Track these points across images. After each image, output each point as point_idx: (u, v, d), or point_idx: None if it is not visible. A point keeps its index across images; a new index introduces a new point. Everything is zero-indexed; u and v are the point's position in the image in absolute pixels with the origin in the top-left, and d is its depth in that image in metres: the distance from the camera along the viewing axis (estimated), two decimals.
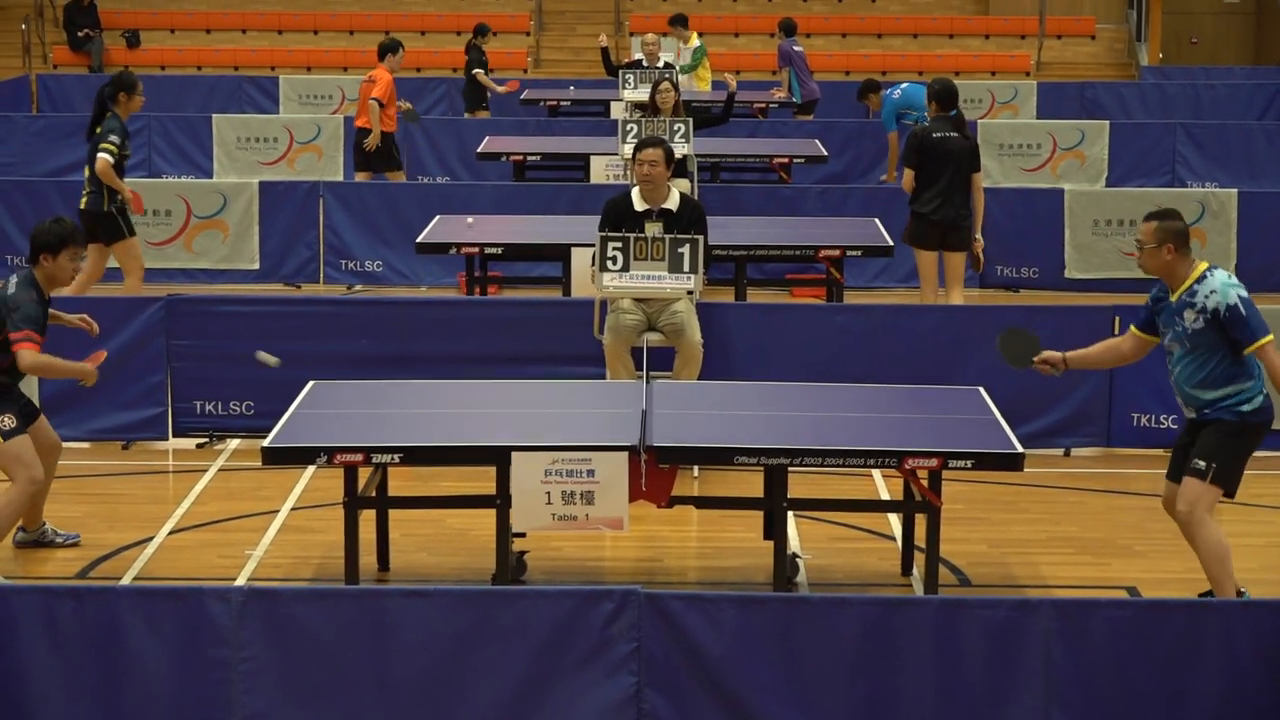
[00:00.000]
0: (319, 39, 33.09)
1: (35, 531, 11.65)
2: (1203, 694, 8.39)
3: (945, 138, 15.67)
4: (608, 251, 13.10)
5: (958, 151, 15.64)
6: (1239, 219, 19.32)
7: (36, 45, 32.47)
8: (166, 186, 20.26)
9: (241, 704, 8.40)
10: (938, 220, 15.67)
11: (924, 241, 15.84)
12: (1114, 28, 33.92)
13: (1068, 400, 13.92)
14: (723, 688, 8.41)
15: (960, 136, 15.74)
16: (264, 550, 11.71)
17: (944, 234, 15.74)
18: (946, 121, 15.77)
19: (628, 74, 23.55)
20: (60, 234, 11.13)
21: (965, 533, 12.00)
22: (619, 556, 11.80)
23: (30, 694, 8.40)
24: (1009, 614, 8.42)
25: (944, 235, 15.75)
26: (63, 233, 11.15)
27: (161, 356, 13.91)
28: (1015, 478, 12.30)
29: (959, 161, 15.64)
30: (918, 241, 15.88)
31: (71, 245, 11.14)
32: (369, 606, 8.50)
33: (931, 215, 15.67)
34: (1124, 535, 12.09)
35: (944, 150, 15.63)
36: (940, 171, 15.63)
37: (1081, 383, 13.86)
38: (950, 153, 15.62)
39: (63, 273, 11.18)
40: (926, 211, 15.70)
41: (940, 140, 15.66)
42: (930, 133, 15.74)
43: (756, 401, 11.64)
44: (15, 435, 10.88)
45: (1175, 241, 10.20)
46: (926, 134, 15.76)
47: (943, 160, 15.62)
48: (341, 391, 11.60)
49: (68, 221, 11.37)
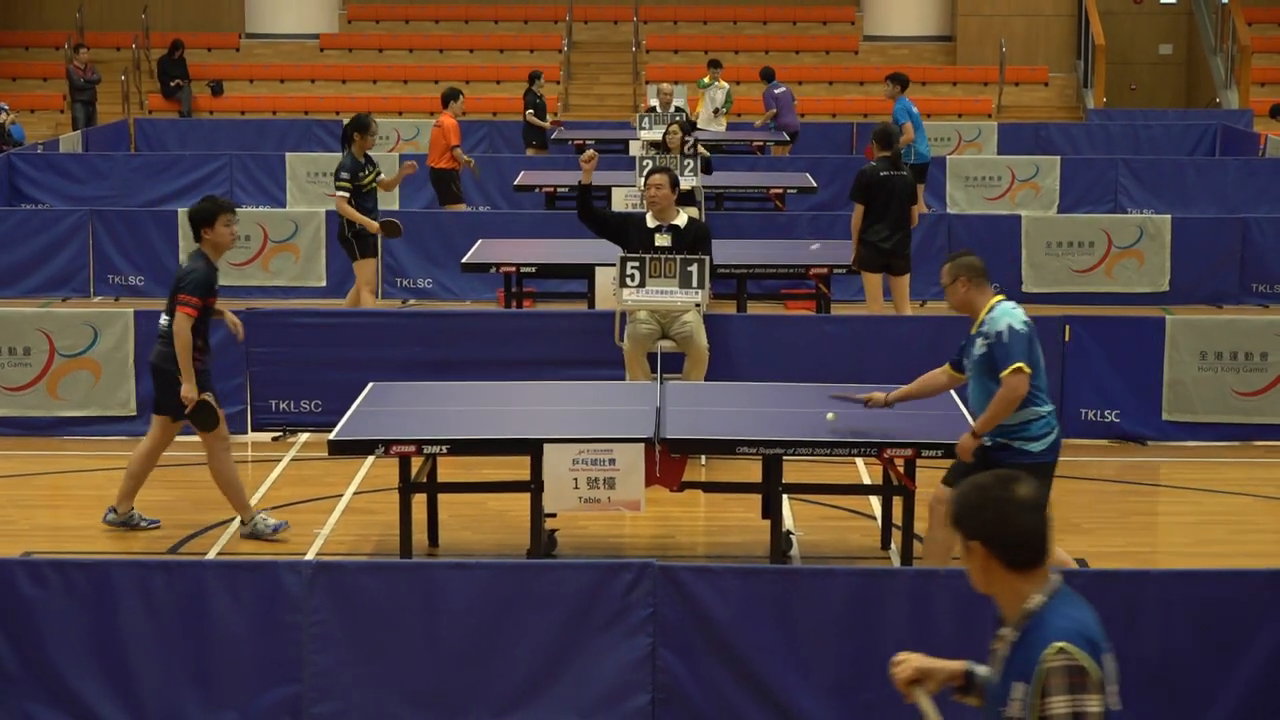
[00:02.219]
0: (377, 87, 33.06)
1: (124, 514, 11.61)
2: (1142, 652, 8.35)
3: (889, 175, 15.60)
4: (626, 270, 13.10)
5: (900, 187, 15.58)
6: (1173, 241, 19.25)
7: (134, 94, 32.49)
8: (246, 215, 20.20)
9: (312, 662, 8.40)
10: (887, 248, 15.58)
11: (870, 265, 15.68)
12: (1064, 76, 33.85)
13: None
14: (727, 647, 8.39)
15: (899, 174, 15.68)
16: (330, 529, 11.71)
17: (889, 259, 15.64)
18: (887, 161, 15.71)
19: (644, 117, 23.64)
20: (210, 208, 11.22)
21: None
22: (637, 534, 11.78)
23: (128, 654, 8.41)
24: None
25: (889, 260, 15.65)
26: (212, 207, 11.23)
27: (242, 361, 13.90)
28: None
29: (901, 196, 15.57)
30: (865, 266, 15.70)
31: (223, 214, 11.19)
32: (420, 577, 8.50)
33: (882, 244, 15.55)
34: (1074, 514, 12.05)
35: (889, 186, 15.55)
36: (887, 205, 15.54)
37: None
38: (894, 188, 15.56)
39: (222, 239, 11.22)
40: (877, 240, 15.55)
41: (886, 178, 15.58)
42: (877, 171, 15.62)
43: (756, 399, 11.63)
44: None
45: (967, 274, 9.57)
46: (874, 172, 15.61)
47: (889, 195, 15.53)
48: (397, 392, 11.59)
49: (215, 197, 11.48)
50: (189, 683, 8.41)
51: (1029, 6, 34.15)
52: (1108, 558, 11.06)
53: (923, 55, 34.24)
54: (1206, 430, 13.91)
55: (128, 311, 14.07)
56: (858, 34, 34.69)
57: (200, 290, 10.98)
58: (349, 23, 35.24)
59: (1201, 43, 34.42)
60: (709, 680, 8.39)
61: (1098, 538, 11.50)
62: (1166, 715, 8.36)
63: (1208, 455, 13.49)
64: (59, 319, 14.15)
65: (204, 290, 11.01)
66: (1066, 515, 12.13)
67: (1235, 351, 13.93)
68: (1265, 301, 19.18)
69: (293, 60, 34.05)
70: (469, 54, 34.09)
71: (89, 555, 10.58)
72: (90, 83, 30.64)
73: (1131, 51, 35.11)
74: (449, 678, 8.42)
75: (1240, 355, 13.92)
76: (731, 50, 33.08)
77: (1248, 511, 12.42)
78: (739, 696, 8.38)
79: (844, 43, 34.44)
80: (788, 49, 34.08)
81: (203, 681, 8.41)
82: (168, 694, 8.41)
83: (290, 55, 34.21)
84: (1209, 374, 13.86)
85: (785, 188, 21.25)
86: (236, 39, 34.64)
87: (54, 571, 8.40)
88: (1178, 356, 13.81)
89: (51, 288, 19.39)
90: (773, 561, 10.49)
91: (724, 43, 33.84)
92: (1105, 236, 19.22)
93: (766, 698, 8.38)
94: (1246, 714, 8.35)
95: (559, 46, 34.06)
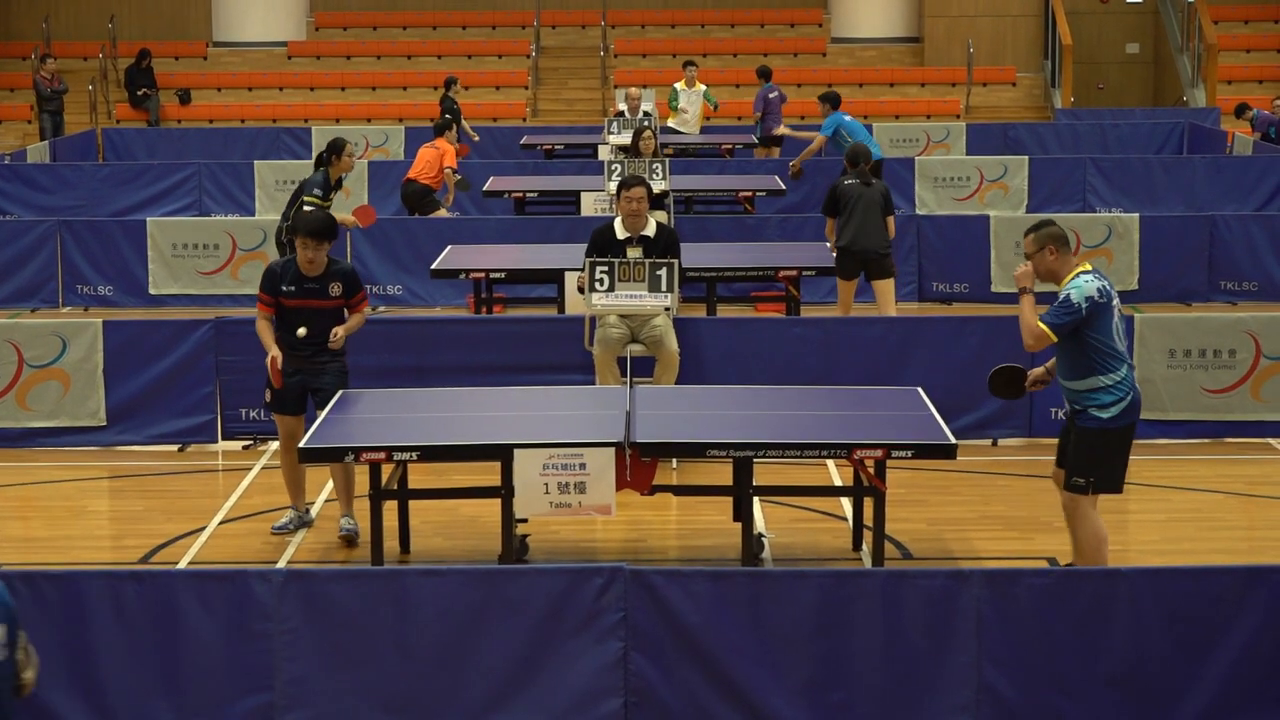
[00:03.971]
0: (346, 94, 33.01)
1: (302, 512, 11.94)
2: (1114, 649, 8.38)
3: (851, 185, 15.98)
4: (595, 274, 13.09)
5: (864, 195, 15.85)
6: (1141, 239, 19.33)
7: (101, 103, 32.40)
8: (215, 224, 20.24)
9: (283, 670, 8.38)
10: (856, 251, 15.78)
11: (844, 272, 15.95)
12: (1032, 76, 33.93)
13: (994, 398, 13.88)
14: (699, 651, 8.39)
15: (863, 184, 15.92)
16: (301, 537, 11.69)
17: (864, 263, 15.81)
18: (852, 175, 16.12)
19: (613, 121, 23.66)
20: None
21: (907, 513, 11.98)
22: (608, 538, 11.78)
23: (99, 664, 8.39)
24: (945, 583, 8.41)
25: (864, 264, 15.81)
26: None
27: (211, 370, 13.88)
28: (949, 465, 12.27)
29: (866, 203, 15.82)
30: (839, 272, 15.98)
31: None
32: (392, 584, 8.49)
33: (850, 247, 15.82)
34: (1045, 513, 12.08)
35: (853, 195, 15.88)
36: (852, 212, 15.85)
37: None
38: (857, 196, 15.85)
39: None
40: (845, 244, 15.85)
41: (849, 187, 15.97)
42: (842, 182, 16.14)
43: (726, 402, 11.63)
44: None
45: (1054, 243, 9.94)
46: (839, 184, 16.14)
47: (853, 202, 15.84)
48: (367, 399, 11.57)
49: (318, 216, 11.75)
50: (160, 693, 8.38)
51: (996, 7, 34.23)
52: None
53: (890, 57, 34.31)
54: (1176, 428, 13.95)
55: (96, 322, 14.02)
56: (825, 36, 34.74)
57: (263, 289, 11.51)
58: (316, 30, 35.19)
59: (1168, 42, 34.53)
60: (681, 683, 8.39)
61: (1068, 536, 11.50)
62: (1137, 713, 8.39)
63: (1177, 453, 13.53)
64: (27, 330, 14.11)
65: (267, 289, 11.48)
66: (1037, 514, 12.17)
67: (1204, 349, 13.98)
68: (1233, 299, 19.25)
69: (260, 68, 33.99)
70: (437, 60, 34.05)
71: (59, 566, 10.55)
72: (57, 93, 30.56)
73: (1099, 51, 35.21)
74: (421, 684, 8.41)
75: (1209, 353, 13.97)
76: (700, 53, 33.08)
77: (1218, 509, 12.46)
78: (711, 699, 8.38)
79: (812, 45, 34.49)
80: (755, 52, 34.11)
81: (174, 691, 8.39)
82: (139, 704, 8.38)
83: (258, 63, 34.15)
84: (1178, 372, 13.91)
85: (755, 190, 21.27)
86: (204, 47, 34.55)
87: (23, 583, 8.36)
88: (1147, 355, 13.85)
89: (20, 299, 19.34)
90: (744, 564, 10.49)
91: (692, 46, 33.86)
92: (1074, 236, 19.27)
93: (739, 700, 8.38)
94: (1217, 711, 8.38)
95: (527, 52, 34.06)
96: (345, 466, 11.23)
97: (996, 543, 11.63)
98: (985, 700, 8.38)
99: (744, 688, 8.38)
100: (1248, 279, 19.36)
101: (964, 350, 13.93)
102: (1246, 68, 33.47)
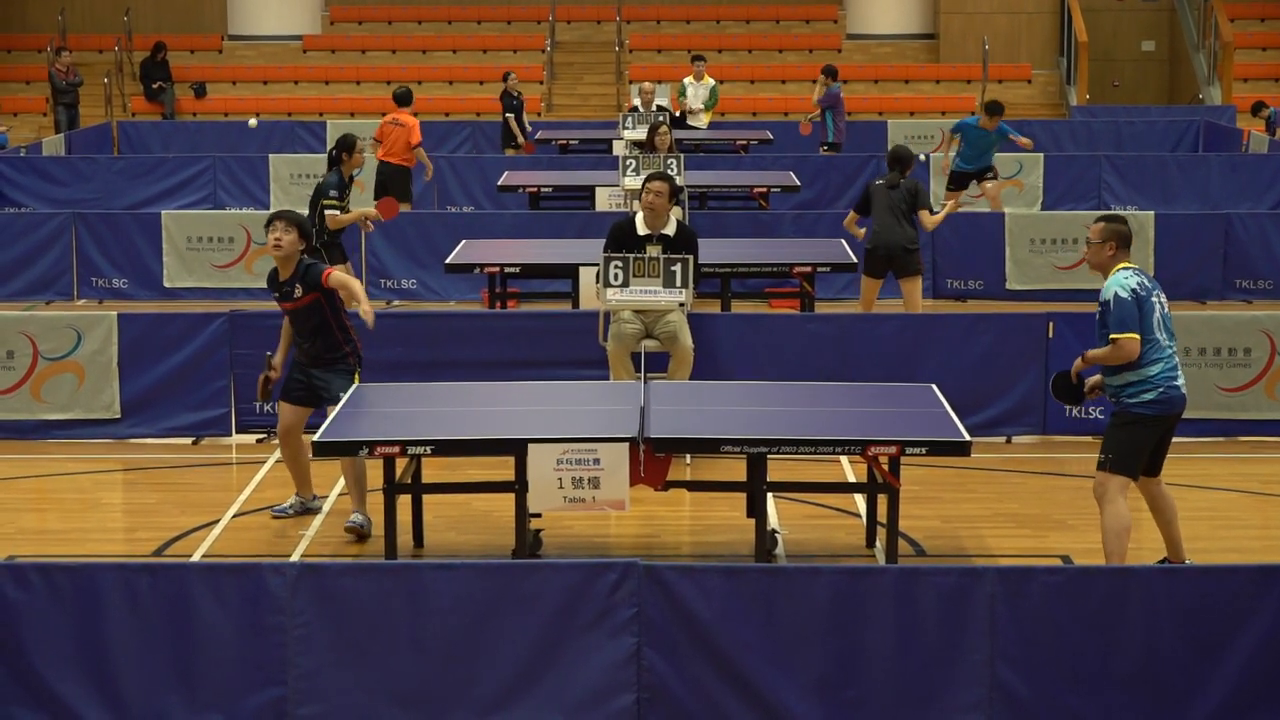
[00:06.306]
0: (360, 89, 33.04)
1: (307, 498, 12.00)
2: (1127, 647, 8.38)
3: (879, 185, 16.08)
4: (610, 270, 13.10)
5: (891, 194, 15.90)
6: (1156, 237, 19.30)
7: (117, 96, 32.43)
8: (229, 217, 20.25)
9: (295, 664, 8.39)
10: (880, 248, 15.91)
11: (870, 271, 16.04)
12: (1047, 73, 33.89)
13: (1009, 395, 13.92)
14: (712, 647, 8.40)
15: (888, 185, 15.97)
16: (315, 530, 11.70)
17: (889, 261, 15.83)
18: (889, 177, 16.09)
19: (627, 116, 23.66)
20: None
21: (921, 510, 11.97)
22: (622, 533, 11.78)
23: (112, 657, 8.40)
24: (959, 580, 8.41)
25: (889, 262, 15.84)
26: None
27: (226, 364, 13.90)
28: (964, 462, 12.27)
29: (891, 202, 15.87)
30: (866, 270, 16.07)
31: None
32: (405, 578, 8.49)
33: (875, 245, 15.94)
34: (1058, 511, 12.07)
35: (880, 194, 15.96)
36: (879, 212, 15.94)
37: (1020, 379, 13.87)
38: (884, 196, 15.92)
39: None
40: (871, 245, 15.99)
41: (877, 188, 16.07)
42: (874, 182, 16.25)
43: (740, 398, 11.63)
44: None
45: (1117, 240, 10.18)
46: (871, 184, 16.29)
47: (879, 202, 15.93)
48: (381, 393, 11.58)
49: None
50: (173, 685, 8.40)
51: (1012, 4, 34.19)
52: (1092, 555, 11.05)
53: (906, 53, 34.27)
54: (1190, 426, 13.86)
55: (111, 314, 14.04)
56: (841, 32, 34.72)
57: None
58: (332, 24, 35.20)
59: (1184, 39, 34.47)
60: (694, 679, 8.39)
61: (1081, 534, 11.51)
62: (1150, 711, 8.38)
63: (1192, 451, 13.50)
64: (42, 322, 14.14)
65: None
66: (1050, 512, 12.16)
67: (1219, 347, 13.96)
68: (1248, 297, 19.22)
69: (275, 62, 34.02)
70: (452, 54, 34.08)
71: (73, 558, 10.55)
72: (73, 85, 30.57)
73: (1114, 48, 35.14)
74: (434, 679, 8.42)
75: (1224, 351, 13.96)
76: (715, 49, 33.09)
77: (1232, 508, 12.45)
78: (724, 695, 8.39)
79: (827, 41, 34.45)
80: (771, 48, 34.11)
81: (187, 684, 8.40)
82: (152, 697, 8.40)
83: (273, 57, 34.18)
84: (1193, 370, 13.86)
85: (769, 186, 21.25)
86: (219, 41, 34.59)
87: (38, 575, 8.39)
88: None
89: (35, 291, 19.36)
90: (758, 560, 10.49)
91: (707, 42, 33.84)
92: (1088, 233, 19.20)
93: (752, 696, 8.38)
94: (1230, 710, 8.37)
95: (542, 46, 34.05)
96: (355, 462, 11.23)
97: (1010, 540, 11.62)
98: (998, 698, 8.37)
99: (757, 684, 8.38)
100: (1263, 277, 19.34)
101: (978, 347, 13.93)
102: (1263, 65, 33.41)
